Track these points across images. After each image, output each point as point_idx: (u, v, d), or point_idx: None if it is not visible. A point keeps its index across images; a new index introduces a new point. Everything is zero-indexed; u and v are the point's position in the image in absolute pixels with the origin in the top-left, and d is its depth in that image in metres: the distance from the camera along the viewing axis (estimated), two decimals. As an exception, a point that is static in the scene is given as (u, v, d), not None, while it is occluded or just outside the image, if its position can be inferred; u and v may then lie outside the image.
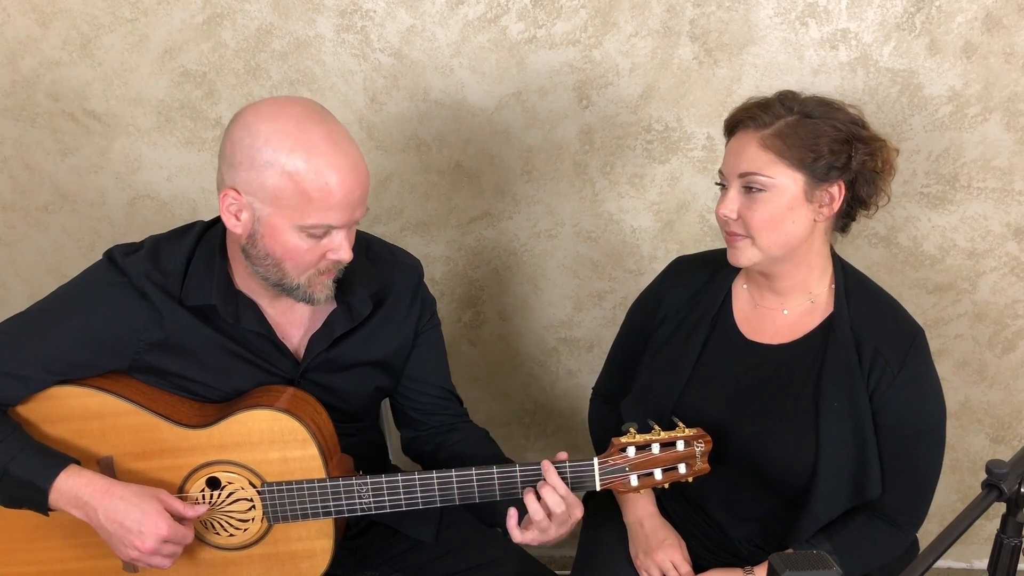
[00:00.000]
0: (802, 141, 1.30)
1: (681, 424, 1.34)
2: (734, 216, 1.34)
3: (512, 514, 1.32)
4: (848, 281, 1.43)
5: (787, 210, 1.32)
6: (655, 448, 1.32)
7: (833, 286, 1.42)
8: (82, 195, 1.98)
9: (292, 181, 1.21)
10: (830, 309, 1.41)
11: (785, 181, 1.31)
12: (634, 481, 1.33)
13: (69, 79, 1.86)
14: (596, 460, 1.32)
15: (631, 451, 1.32)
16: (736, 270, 1.50)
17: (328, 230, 1.26)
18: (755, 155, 1.32)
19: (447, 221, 1.98)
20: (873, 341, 1.37)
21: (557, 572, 1.57)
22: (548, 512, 1.29)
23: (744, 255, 1.36)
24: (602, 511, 1.62)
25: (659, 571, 1.47)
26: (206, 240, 1.38)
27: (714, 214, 1.42)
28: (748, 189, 1.33)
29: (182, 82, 1.86)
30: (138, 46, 1.83)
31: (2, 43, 1.83)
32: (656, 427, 1.33)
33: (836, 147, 1.31)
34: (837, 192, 1.34)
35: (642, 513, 1.54)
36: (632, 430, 1.33)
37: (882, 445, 1.38)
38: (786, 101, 1.34)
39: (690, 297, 1.52)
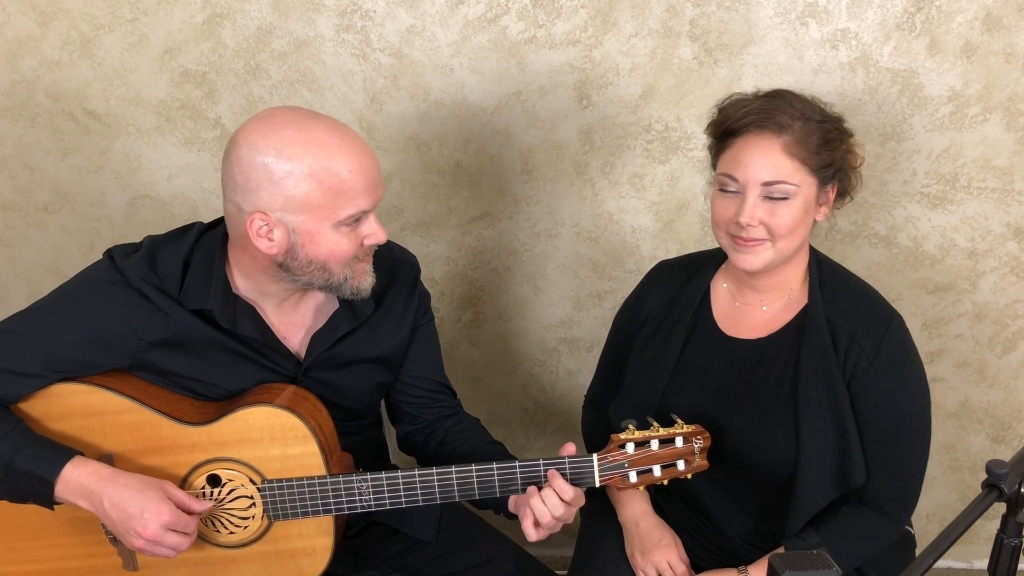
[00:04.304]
0: (818, 147, 1.32)
1: (680, 420, 1.34)
2: (756, 223, 1.33)
3: (528, 522, 1.32)
4: (823, 272, 1.44)
5: (804, 214, 1.34)
6: (654, 444, 1.32)
7: (808, 278, 1.44)
8: (82, 195, 1.98)
9: (316, 181, 1.22)
10: (805, 301, 1.42)
11: (804, 187, 1.33)
12: (633, 478, 1.33)
13: (69, 79, 1.86)
14: (595, 456, 1.32)
15: (630, 447, 1.32)
16: (715, 269, 1.52)
17: (361, 216, 1.28)
18: (781, 162, 1.31)
19: (447, 221, 1.98)
20: (848, 328, 1.38)
21: (556, 572, 1.57)
22: (552, 514, 1.31)
23: (761, 259, 1.36)
24: (599, 511, 1.62)
25: (655, 571, 1.47)
26: (204, 242, 1.37)
27: (722, 218, 1.41)
28: (770, 196, 1.32)
29: (182, 82, 1.86)
30: (138, 46, 1.83)
31: (2, 43, 1.83)
32: (655, 423, 1.34)
33: (838, 151, 1.35)
34: (832, 192, 1.38)
35: (638, 512, 1.54)
36: (631, 427, 1.34)
37: (864, 432, 1.38)
38: (795, 104, 1.34)
39: (670, 299, 1.53)
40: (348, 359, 1.44)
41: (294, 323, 1.42)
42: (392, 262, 1.49)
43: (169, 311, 1.33)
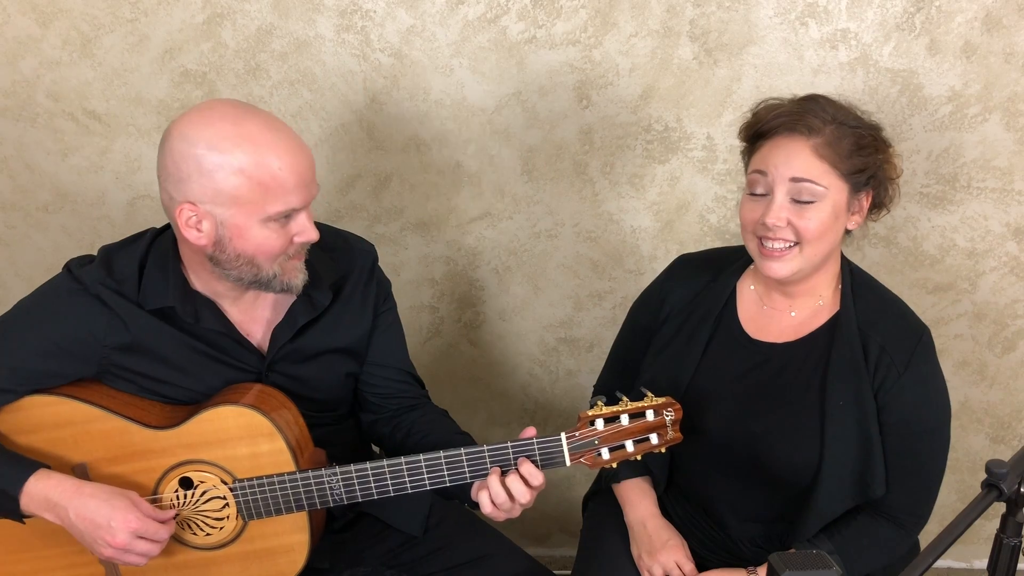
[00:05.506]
0: (850, 152, 1.31)
1: (650, 394, 1.31)
2: (783, 223, 1.31)
3: (484, 500, 1.31)
4: (855, 281, 1.43)
5: (833, 219, 1.32)
6: (624, 419, 1.30)
7: (840, 286, 1.43)
8: (82, 195, 1.98)
9: (245, 176, 1.22)
10: (836, 308, 1.42)
11: (833, 190, 1.31)
12: (606, 455, 1.30)
13: (69, 79, 1.86)
14: (564, 435, 1.29)
15: (599, 423, 1.29)
16: (741, 270, 1.50)
17: (291, 214, 1.27)
18: (809, 162, 1.30)
19: (447, 221, 1.98)
20: (879, 340, 1.37)
21: (557, 572, 1.57)
22: (511, 497, 1.29)
23: (789, 267, 1.34)
24: (603, 511, 1.62)
25: (662, 571, 1.47)
26: (157, 245, 1.38)
27: (738, 219, 1.38)
28: (798, 199, 1.31)
29: (182, 82, 1.86)
30: (138, 46, 1.83)
31: (2, 43, 1.83)
32: (624, 398, 1.31)
33: (874, 158, 1.33)
34: (866, 200, 1.36)
35: (644, 513, 1.54)
36: (600, 403, 1.31)
37: (886, 444, 1.38)
38: (827, 108, 1.33)
39: (694, 296, 1.51)
40: (312, 351, 1.44)
41: (255, 319, 1.42)
42: (348, 252, 1.48)
43: (129, 314, 1.33)
